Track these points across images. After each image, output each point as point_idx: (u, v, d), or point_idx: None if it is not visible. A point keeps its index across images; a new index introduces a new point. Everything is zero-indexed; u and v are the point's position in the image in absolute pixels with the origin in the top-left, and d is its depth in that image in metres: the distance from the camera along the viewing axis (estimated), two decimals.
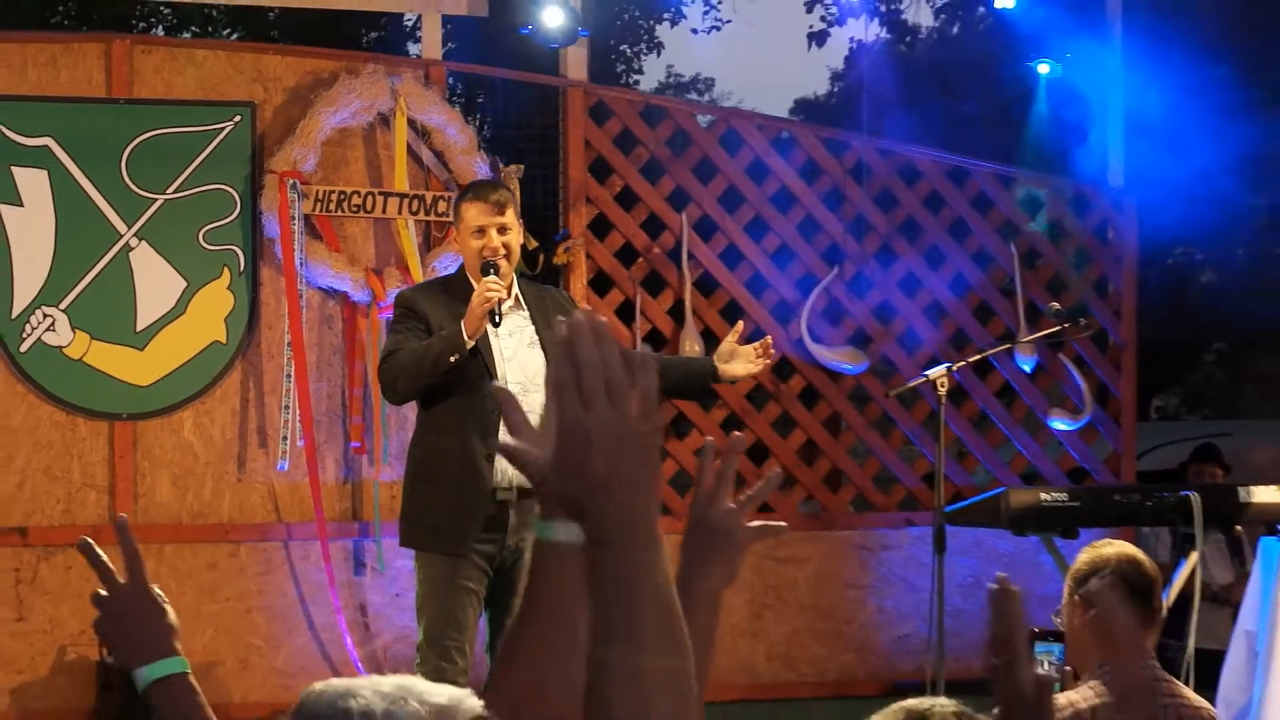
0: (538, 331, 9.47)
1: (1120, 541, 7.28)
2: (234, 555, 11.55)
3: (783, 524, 4.55)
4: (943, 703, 4.06)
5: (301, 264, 11.85)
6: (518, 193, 11.93)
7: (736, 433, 3.59)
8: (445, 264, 10.99)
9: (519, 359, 9.44)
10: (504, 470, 9.13)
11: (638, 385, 2.48)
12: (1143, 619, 6.66)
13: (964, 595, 12.45)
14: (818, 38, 25.00)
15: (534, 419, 7.42)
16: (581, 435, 2.49)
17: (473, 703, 3.08)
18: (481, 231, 9.37)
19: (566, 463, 2.52)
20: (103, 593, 3.92)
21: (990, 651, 3.25)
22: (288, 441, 11.83)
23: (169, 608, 3.94)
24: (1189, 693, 6.88)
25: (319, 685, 3.08)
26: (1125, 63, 14.02)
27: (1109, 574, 6.65)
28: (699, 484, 3.79)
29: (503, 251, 9.34)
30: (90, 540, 4.05)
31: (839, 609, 12.89)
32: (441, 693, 3.06)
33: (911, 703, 4.01)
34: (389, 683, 3.03)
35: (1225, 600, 11.43)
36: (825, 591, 12.90)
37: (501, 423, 8.99)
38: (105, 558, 3.89)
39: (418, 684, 3.06)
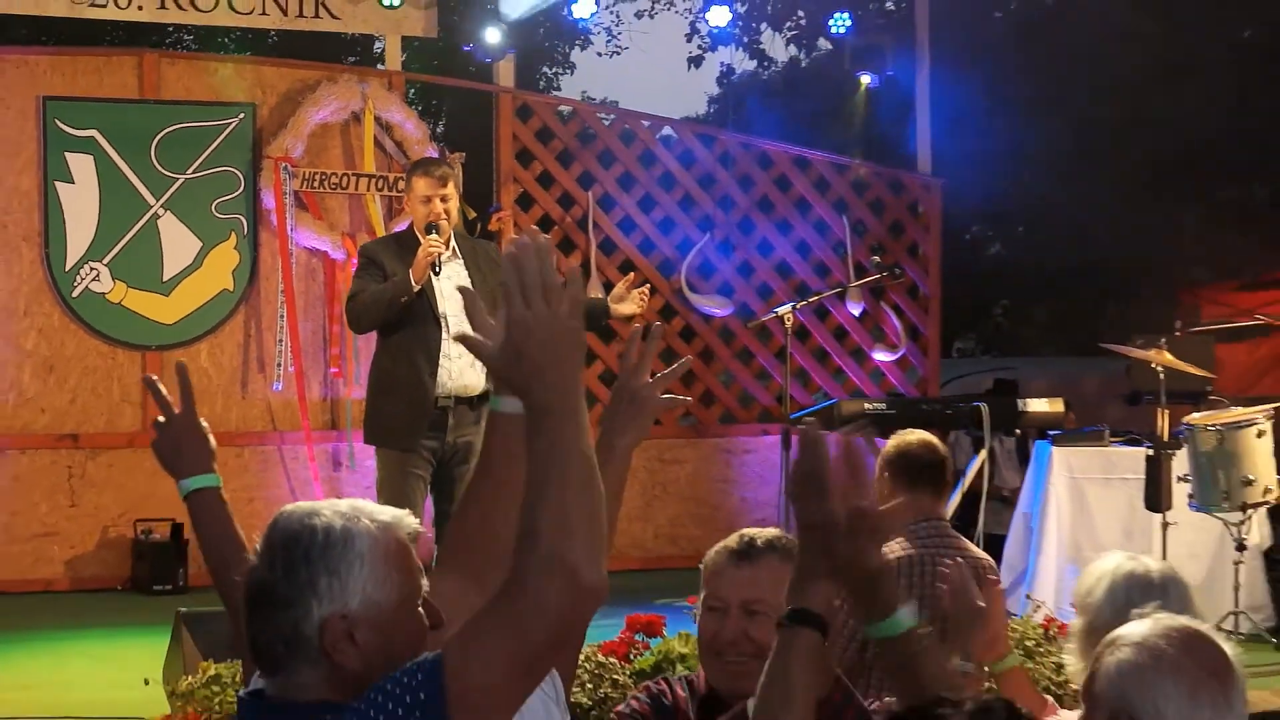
0: (470, 276, 9.72)
1: (919, 430, 7.34)
2: (239, 457, 11.76)
3: (687, 397, 5.13)
4: (768, 531, 4.48)
5: (291, 229, 12.33)
6: (460, 174, 12.20)
7: (660, 323, 4.18)
8: (404, 229, 10.73)
9: (455, 298, 9.51)
10: (444, 383, 9.48)
11: (569, 290, 2.86)
12: (934, 488, 6.89)
13: None
14: (696, 61, 25.32)
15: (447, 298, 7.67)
16: (523, 328, 2.84)
17: (411, 521, 3.23)
18: (427, 200, 9.64)
19: (511, 350, 2.87)
20: (162, 419, 4.27)
21: (794, 481, 3.34)
22: (281, 367, 12.32)
23: (211, 438, 4.29)
24: (972, 546, 7.10)
25: (289, 506, 3.22)
26: (933, 76, 14.47)
27: (898, 452, 6.88)
28: (626, 359, 4.16)
29: (443, 215, 9.63)
30: (155, 378, 4.53)
31: (710, 498, 13.31)
32: (386, 512, 3.18)
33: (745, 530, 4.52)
34: (345, 504, 3.15)
35: (1013, 501, 11.91)
36: (700, 485, 13.32)
37: (444, 340, 9.49)
38: (166, 392, 4.26)
39: (368, 505, 3.19)
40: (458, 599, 3.14)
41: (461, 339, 3.08)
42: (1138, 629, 3.54)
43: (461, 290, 6.93)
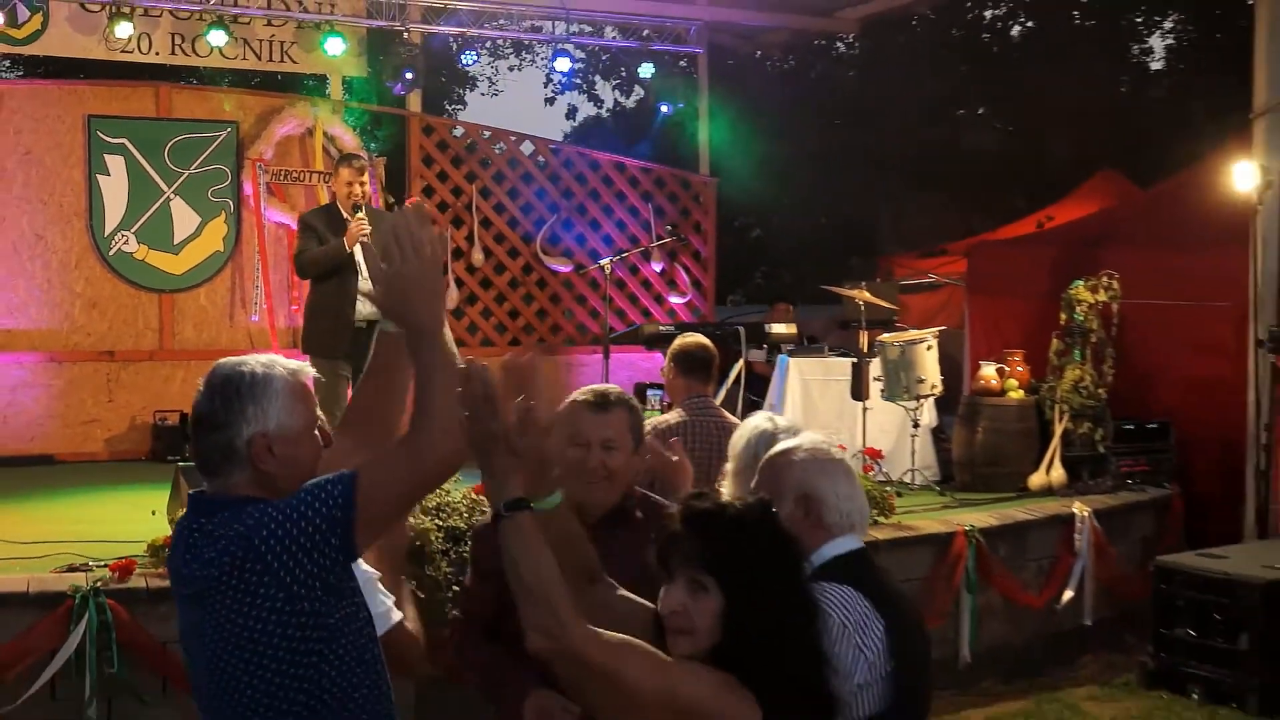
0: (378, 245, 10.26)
1: (697, 335, 7.53)
2: None
3: (556, 344, 5.23)
4: (612, 387, 4.59)
5: (264, 209, 12.94)
6: (382, 171, 13.21)
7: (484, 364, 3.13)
8: (330, 204, 10.67)
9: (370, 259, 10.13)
10: (360, 310, 9.68)
11: (432, 250, 3.13)
12: (704, 375, 7.06)
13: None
14: (550, 100, 25.63)
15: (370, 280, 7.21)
16: (401, 276, 3.11)
17: (309, 369, 3.37)
18: (349, 184, 9.90)
19: (393, 290, 3.13)
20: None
21: (465, 406, 3.07)
22: (257, 305, 12.93)
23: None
24: (726, 414, 7.07)
25: (224, 359, 3.30)
26: (711, 107, 15.17)
27: (680, 349, 7.09)
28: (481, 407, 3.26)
29: (361, 197, 9.91)
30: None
31: (556, 397, 13.66)
32: (293, 363, 3.31)
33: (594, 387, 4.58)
34: (265, 357, 3.28)
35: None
36: (549, 387, 13.74)
37: (359, 281, 9.62)
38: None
39: (280, 358, 3.31)
40: (350, 453, 3.30)
41: (364, 293, 3.65)
42: (802, 444, 3.76)
43: (363, 246, 7.14)
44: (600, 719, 2.95)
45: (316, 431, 3.28)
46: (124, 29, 12.36)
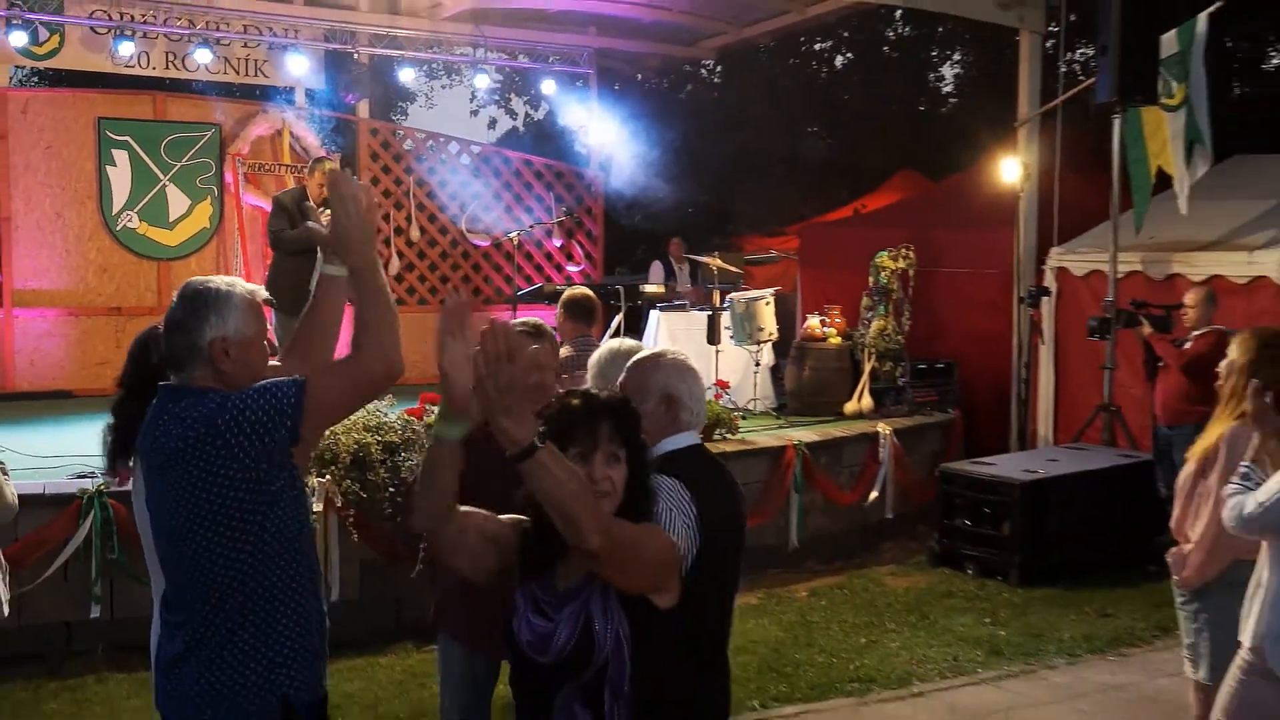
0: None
1: (583, 288, 7.58)
2: None
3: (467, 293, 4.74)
4: (535, 320, 4.58)
5: (242, 194, 12.81)
6: (338, 165, 12.44)
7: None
8: (299, 190, 10.29)
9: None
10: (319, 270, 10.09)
11: (369, 205, 3.15)
12: (588, 320, 6.99)
13: None
14: (474, 112, 25.05)
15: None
16: (343, 226, 3.13)
17: (263, 292, 3.31)
18: (322, 185, 9.57)
19: (338, 239, 3.17)
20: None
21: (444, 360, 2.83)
22: (238, 270, 12.55)
23: None
24: None
25: (192, 278, 3.28)
26: (600, 114, 15.07)
27: (569, 298, 6.99)
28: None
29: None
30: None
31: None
32: (251, 285, 3.28)
33: (526, 319, 4.61)
34: (228, 278, 3.24)
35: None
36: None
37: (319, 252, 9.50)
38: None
39: (241, 280, 3.27)
40: (293, 373, 3.19)
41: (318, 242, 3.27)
42: (665, 352, 3.62)
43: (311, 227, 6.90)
44: (632, 585, 2.83)
45: (264, 342, 3.25)
46: (126, 48, 12.34)
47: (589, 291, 7.15)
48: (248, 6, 13.03)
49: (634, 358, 3.59)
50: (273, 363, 3.38)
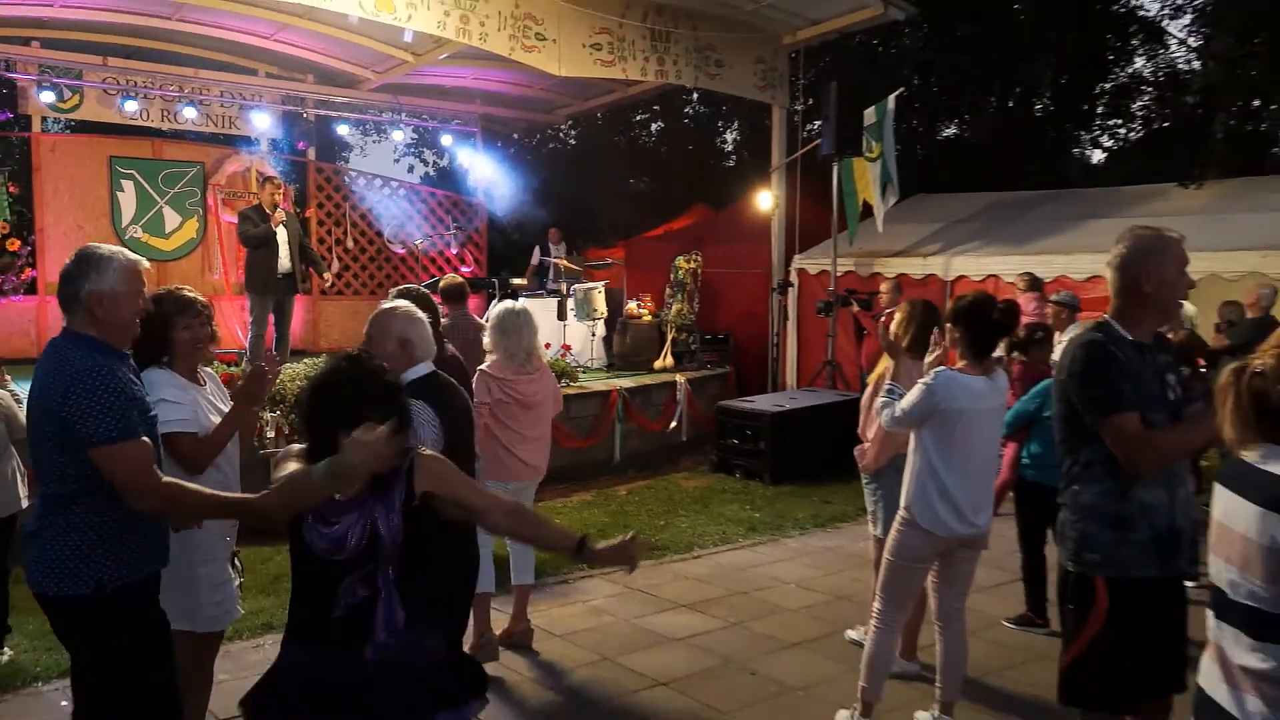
0: (288, 230, 9.25)
1: (458, 277, 6.86)
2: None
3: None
4: (415, 287, 4.40)
5: (220, 215, 12.27)
6: (291, 193, 12.64)
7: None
8: (258, 205, 9.47)
9: (285, 240, 9.22)
10: (281, 265, 9.20)
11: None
12: (461, 300, 6.47)
13: None
14: (398, 160, 23.70)
15: (287, 250, 7.91)
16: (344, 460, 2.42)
17: (144, 262, 3.00)
18: (271, 194, 9.36)
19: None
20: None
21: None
22: (218, 271, 12.26)
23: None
24: (477, 318, 6.61)
25: (89, 244, 2.97)
26: (485, 160, 14.46)
27: (446, 284, 6.50)
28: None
29: (279, 201, 9.46)
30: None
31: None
32: (133, 255, 2.99)
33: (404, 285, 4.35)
34: (112, 246, 2.96)
35: None
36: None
37: (280, 248, 9.07)
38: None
39: (124, 250, 2.97)
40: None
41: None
42: (399, 305, 3.44)
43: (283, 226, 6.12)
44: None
45: (139, 301, 2.92)
46: (131, 105, 11.81)
47: (460, 279, 6.84)
48: (224, 77, 12.52)
49: (378, 309, 3.41)
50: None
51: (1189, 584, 3.27)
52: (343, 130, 14.61)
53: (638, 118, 21.29)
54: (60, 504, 2.75)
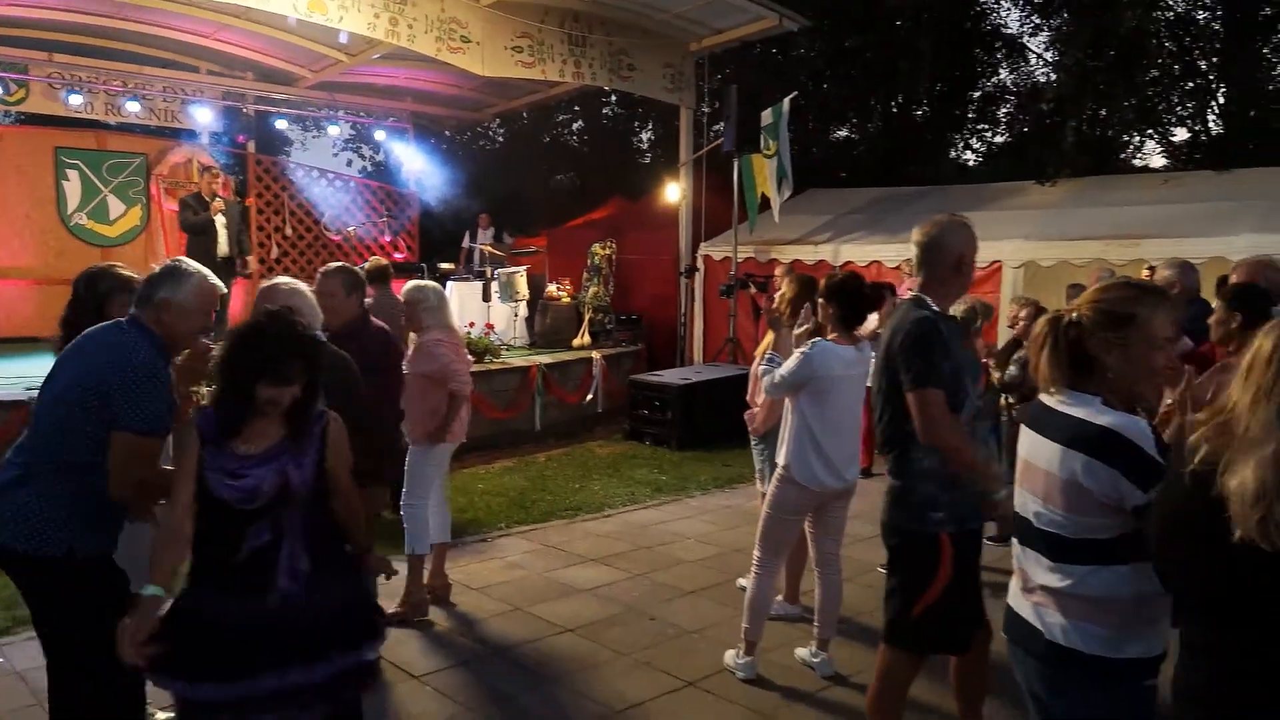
0: (227, 216, 9.24)
1: (380, 259, 7.00)
2: None
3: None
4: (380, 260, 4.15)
5: (163, 202, 11.82)
6: (231, 183, 12.10)
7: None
8: (197, 193, 9.52)
9: (223, 226, 9.22)
10: (220, 249, 9.13)
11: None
12: (385, 282, 6.53)
13: None
14: (336, 154, 22.88)
15: (225, 236, 7.91)
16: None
17: (220, 284, 2.94)
18: (210, 183, 9.43)
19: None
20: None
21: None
22: (161, 257, 11.30)
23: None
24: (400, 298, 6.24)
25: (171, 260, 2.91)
26: (416, 155, 14.22)
27: (371, 267, 6.41)
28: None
29: (218, 189, 9.51)
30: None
31: None
32: (213, 276, 2.94)
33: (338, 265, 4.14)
34: (199, 266, 2.90)
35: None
36: None
37: (218, 232, 9.09)
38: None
39: (210, 272, 2.93)
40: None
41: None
42: (280, 281, 3.39)
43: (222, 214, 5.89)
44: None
45: (208, 318, 2.85)
46: (75, 99, 11.34)
47: (384, 262, 6.79)
48: (166, 74, 12.07)
49: (261, 286, 3.35)
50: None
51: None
52: (282, 125, 14.17)
53: (560, 117, 21.06)
54: (64, 470, 2.65)
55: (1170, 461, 1.93)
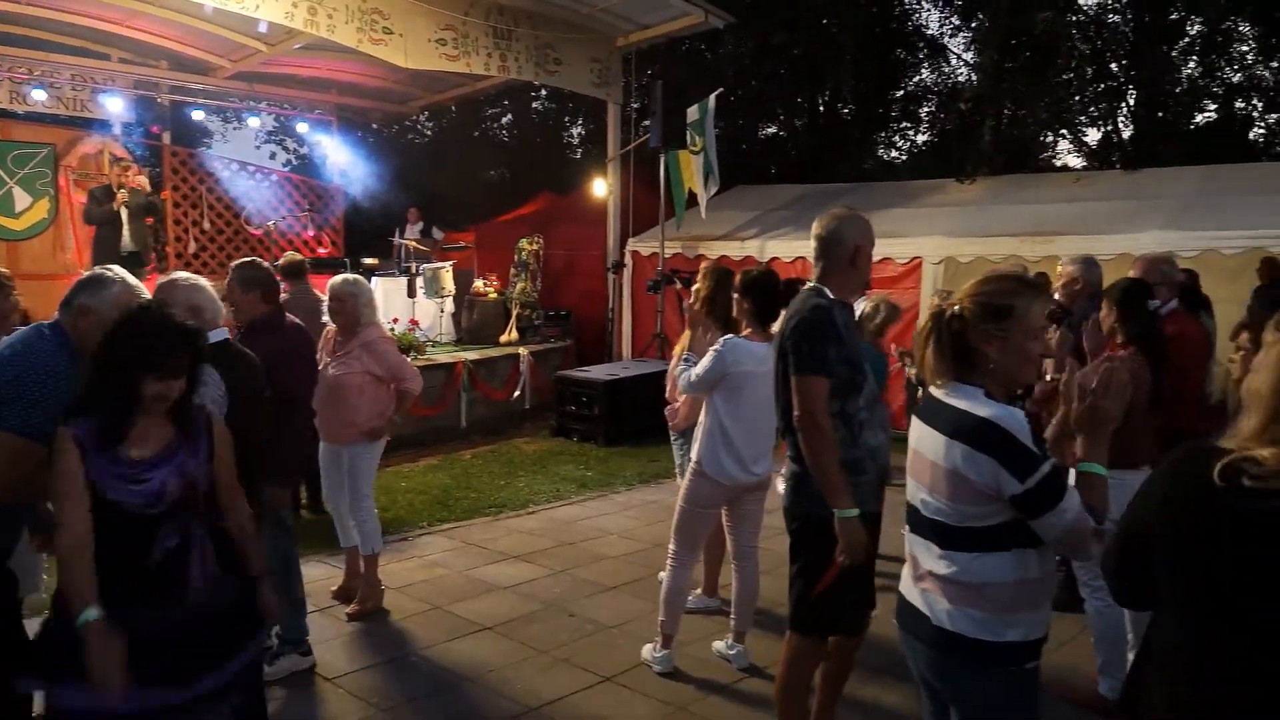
0: (132, 207, 9.16)
1: (295, 254, 6.94)
2: (53, 286, 10.52)
3: None
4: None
5: (72, 195, 11.36)
6: (147, 175, 11.40)
7: None
8: (106, 185, 9.41)
9: (130, 216, 9.16)
10: (124, 243, 8.98)
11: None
12: (300, 277, 6.17)
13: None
14: (259, 147, 22.35)
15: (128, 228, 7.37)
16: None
17: (144, 291, 2.83)
18: (119, 176, 9.28)
19: None
20: None
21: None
22: (70, 251, 11.29)
23: None
24: (319, 292, 6.01)
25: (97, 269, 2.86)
26: (341, 147, 14.02)
27: (287, 262, 6.24)
28: None
29: (125, 181, 9.29)
30: None
31: None
32: (132, 281, 2.84)
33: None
34: (123, 273, 2.82)
35: None
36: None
37: (122, 228, 8.81)
38: None
39: (132, 279, 2.84)
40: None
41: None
42: (179, 277, 3.28)
43: (125, 208, 5.77)
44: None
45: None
46: None
47: (299, 258, 6.59)
48: (75, 61, 11.63)
49: (159, 282, 3.29)
50: None
51: None
52: (199, 116, 13.76)
53: (489, 111, 20.93)
54: None
55: (1045, 452, 1.99)
